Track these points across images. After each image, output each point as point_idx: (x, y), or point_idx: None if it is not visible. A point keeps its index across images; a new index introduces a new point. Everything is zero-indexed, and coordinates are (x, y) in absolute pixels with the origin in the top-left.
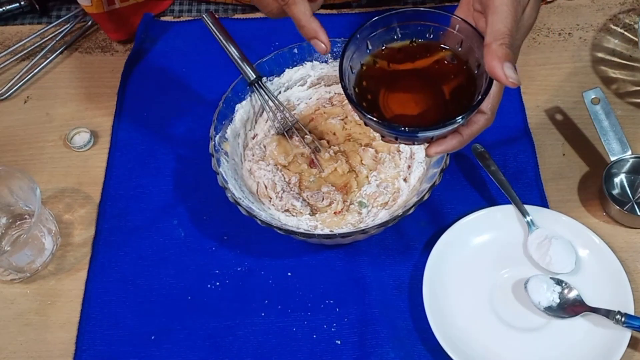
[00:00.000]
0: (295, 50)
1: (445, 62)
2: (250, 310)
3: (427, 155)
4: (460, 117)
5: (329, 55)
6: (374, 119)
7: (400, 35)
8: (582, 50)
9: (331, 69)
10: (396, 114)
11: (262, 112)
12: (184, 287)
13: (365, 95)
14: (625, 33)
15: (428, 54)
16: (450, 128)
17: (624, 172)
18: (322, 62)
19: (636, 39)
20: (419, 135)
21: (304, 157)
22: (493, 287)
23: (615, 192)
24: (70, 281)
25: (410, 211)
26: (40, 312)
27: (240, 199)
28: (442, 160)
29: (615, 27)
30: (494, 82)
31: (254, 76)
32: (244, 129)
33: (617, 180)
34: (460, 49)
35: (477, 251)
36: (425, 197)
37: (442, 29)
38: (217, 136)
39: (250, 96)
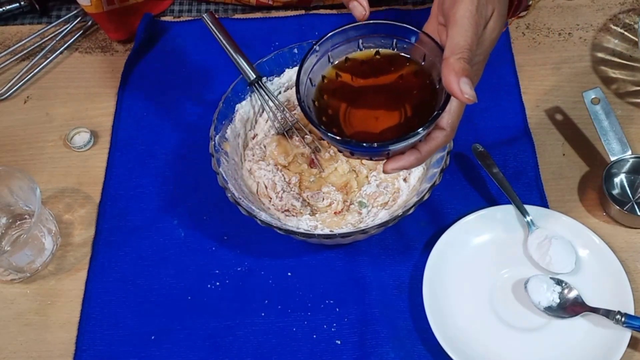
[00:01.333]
0: (295, 50)
1: (409, 76)
2: (250, 310)
3: (383, 172)
4: (413, 133)
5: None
6: (330, 135)
7: (363, 47)
8: (582, 50)
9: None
10: (357, 130)
11: (262, 112)
12: (184, 287)
13: (326, 110)
14: (625, 33)
15: (392, 68)
16: (404, 144)
17: (624, 172)
18: None
19: (636, 39)
20: (372, 151)
21: (304, 157)
22: (493, 287)
23: (615, 192)
24: (70, 281)
25: (410, 211)
26: (40, 312)
27: (240, 199)
28: (442, 160)
29: (615, 27)
30: (453, 97)
31: (254, 76)
32: (244, 129)
33: (617, 180)
34: (423, 63)
35: (477, 251)
36: (425, 197)
37: (406, 42)
38: (217, 136)
39: (250, 96)
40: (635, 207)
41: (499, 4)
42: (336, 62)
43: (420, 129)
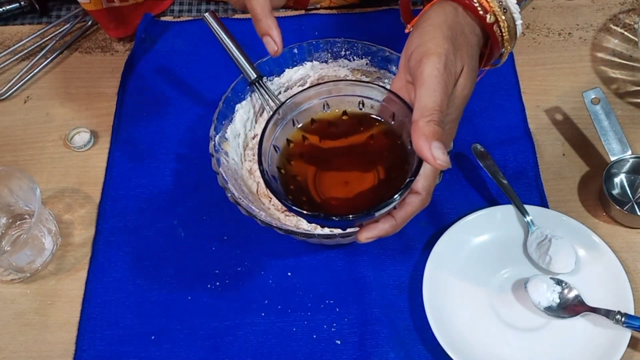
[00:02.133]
0: (295, 50)
1: (379, 136)
2: (250, 310)
3: (358, 241)
4: (386, 202)
5: (329, 55)
6: (296, 209)
7: (330, 106)
8: (582, 50)
9: (331, 69)
10: (328, 196)
11: (263, 111)
12: (184, 287)
13: (294, 177)
14: (625, 33)
15: (361, 128)
16: (377, 214)
17: (624, 172)
18: (322, 62)
19: (636, 39)
20: (345, 224)
21: None
22: (493, 287)
23: (615, 192)
24: (70, 281)
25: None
26: (40, 312)
27: (240, 199)
28: None
29: (615, 27)
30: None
31: (255, 75)
32: (244, 128)
33: (617, 180)
34: (393, 122)
35: (477, 251)
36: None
37: (373, 100)
38: (217, 136)
39: (251, 96)
40: (635, 207)
41: (469, 58)
42: (302, 124)
43: (396, 195)
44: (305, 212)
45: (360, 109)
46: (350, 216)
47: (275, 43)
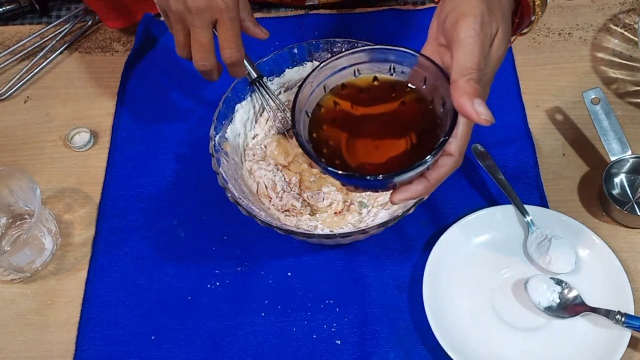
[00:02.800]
0: (295, 50)
1: (411, 102)
2: (250, 310)
3: (390, 202)
4: (420, 162)
5: (329, 55)
6: (331, 170)
7: (360, 73)
8: (582, 50)
9: None
10: (361, 161)
11: (263, 111)
12: (184, 287)
13: (326, 141)
14: (625, 33)
15: (393, 94)
16: (411, 174)
17: (624, 172)
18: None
19: (636, 39)
20: (378, 184)
21: (305, 157)
22: (493, 287)
23: (615, 192)
24: (70, 281)
25: (410, 211)
26: (40, 312)
27: (240, 199)
28: None
29: (615, 27)
30: (461, 121)
31: (255, 75)
32: (244, 129)
33: (617, 180)
34: (424, 87)
35: (477, 251)
36: (425, 197)
37: (404, 66)
38: (217, 136)
39: (251, 96)
40: (635, 207)
41: (503, 21)
42: (332, 90)
43: (428, 157)
44: (340, 172)
45: (391, 75)
46: (381, 176)
47: (262, 31)
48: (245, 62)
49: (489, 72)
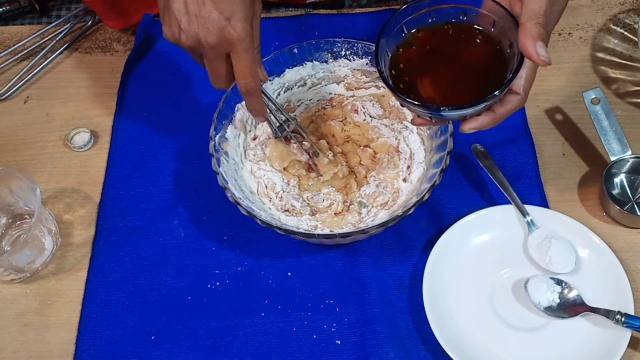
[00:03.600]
0: (295, 50)
1: (480, 44)
2: (250, 310)
3: (461, 130)
4: (491, 95)
5: (329, 55)
6: (411, 100)
7: (434, 18)
8: (582, 50)
9: (331, 69)
10: (432, 95)
11: None
12: (184, 287)
13: (403, 77)
14: (625, 33)
15: (462, 36)
16: (483, 106)
17: (624, 172)
18: (322, 62)
19: (636, 39)
20: (452, 113)
21: (302, 164)
22: (493, 287)
23: (615, 192)
24: (70, 281)
25: (410, 211)
26: (40, 312)
27: (240, 199)
28: (442, 161)
29: (615, 27)
30: (527, 63)
31: (274, 107)
32: (244, 129)
33: (617, 180)
34: (493, 30)
35: (477, 251)
36: (425, 197)
37: (475, 11)
38: (217, 136)
39: None
40: (635, 207)
41: None
42: (410, 33)
43: (497, 91)
44: (416, 102)
45: (462, 19)
46: (456, 107)
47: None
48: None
49: (553, 21)
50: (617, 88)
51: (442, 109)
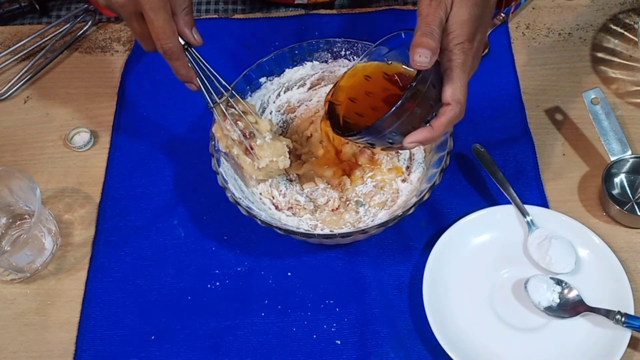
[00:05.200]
0: (296, 51)
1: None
2: (250, 310)
3: (403, 146)
4: (395, 107)
5: (329, 55)
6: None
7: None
8: (582, 50)
9: (331, 69)
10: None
11: (263, 112)
12: (184, 287)
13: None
14: (625, 33)
15: (395, 78)
16: (398, 116)
17: (624, 172)
18: (322, 62)
19: (636, 39)
20: (375, 132)
21: (237, 144)
22: (493, 287)
23: (615, 192)
24: (70, 281)
25: (410, 211)
26: (40, 312)
27: (240, 199)
28: (442, 161)
29: (615, 27)
30: (455, 69)
31: (203, 67)
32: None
33: (617, 180)
34: None
35: (477, 251)
36: (425, 197)
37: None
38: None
39: (251, 96)
40: (635, 207)
41: None
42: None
43: (399, 102)
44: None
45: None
46: (375, 123)
47: (195, 85)
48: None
49: (458, 36)
50: (617, 88)
51: (364, 130)
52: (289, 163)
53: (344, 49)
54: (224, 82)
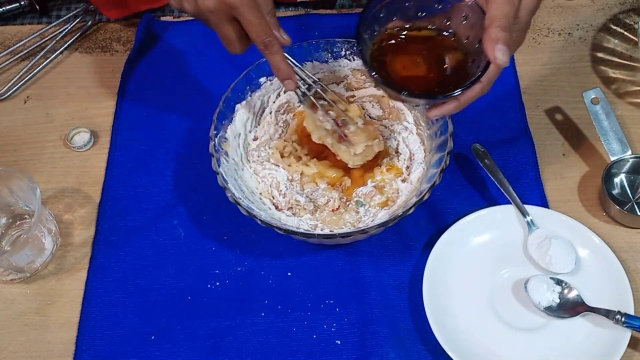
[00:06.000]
0: (296, 51)
1: (449, 34)
2: (250, 310)
3: (427, 117)
4: (460, 89)
5: (329, 55)
6: (387, 83)
7: (411, 7)
8: (582, 50)
9: (331, 69)
10: (404, 75)
11: (263, 112)
12: (184, 287)
13: (379, 59)
14: (625, 33)
15: (435, 26)
16: (455, 95)
17: (624, 172)
18: (322, 62)
19: (636, 39)
20: (427, 100)
21: (329, 132)
22: (493, 287)
23: (615, 192)
24: (70, 281)
25: (410, 211)
26: (40, 312)
27: (240, 199)
28: (442, 161)
29: (615, 27)
30: None
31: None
32: (244, 129)
33: (617, 180)
34: (465, 23)
35: (477, 251)
36: (425, 197)
37: (449, 2)
38: (217, 136)
39: (251, 96)
40: (635, 207)
41: None
42: (388, 21)
43: (465, 86)
44: (396, 86)
45: (437, 9)
46: (429, 96)
47: (294, 82)
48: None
49: (523, 20)
50: (617, 88)
51: (410, 93)
52: (383, 145)
53: (344, 49)
54: (311, 75)
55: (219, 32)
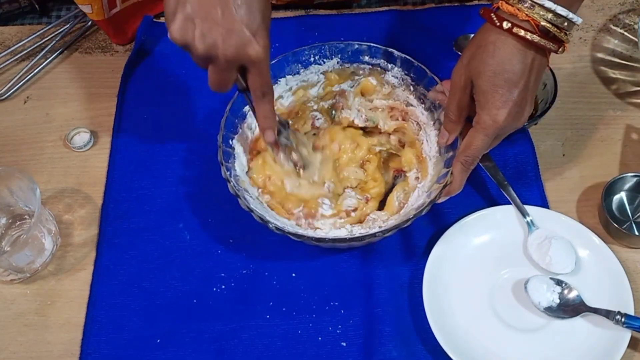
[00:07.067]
0: (297, 54)
1: None
2: (255, 312)
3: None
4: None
5: (300, 65)
6: None
7: None
8: (582, 50)
9: (303, 77)
10: None
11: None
12: (190, 291)
13: None
14: (625, 33)
15: None
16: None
17: (624, 190)
18: (295, 74)
19: (636, 39)
20: None
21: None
22: (493, 287)
23: (614, 208)
24: (70, 281)
25: (423, 212)
26: (40, 312)
27: (255, 209)
28: (452, 160)
29: (615, 27)
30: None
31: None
32: (252, 135)
33: (616, 198)
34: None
35: (477, 251)
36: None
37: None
38: (232, 175)
39: (241, 128)
40: (634, 226)
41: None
42: None
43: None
44: None
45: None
46: None
47: (275, 134)
48: None
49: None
50: (617, 88)
51: None
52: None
53: (312, 55)
54: (282, 119)
55: (218, 75)
